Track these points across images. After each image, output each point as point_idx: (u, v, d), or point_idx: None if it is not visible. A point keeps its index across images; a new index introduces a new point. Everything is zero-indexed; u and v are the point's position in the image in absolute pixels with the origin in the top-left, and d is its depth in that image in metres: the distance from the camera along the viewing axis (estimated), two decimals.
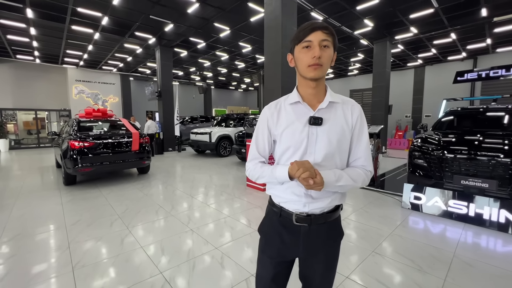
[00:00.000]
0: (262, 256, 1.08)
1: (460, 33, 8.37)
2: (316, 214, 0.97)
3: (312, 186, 0.83)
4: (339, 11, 6.71)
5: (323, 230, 0.99)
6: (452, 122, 4.73)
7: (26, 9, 6.36)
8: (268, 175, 0.97)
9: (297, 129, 0.94)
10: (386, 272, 2.12)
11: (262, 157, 1.04)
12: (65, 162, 4.80)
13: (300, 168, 0.82)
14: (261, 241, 1.09)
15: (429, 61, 12.41)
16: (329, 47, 0.90)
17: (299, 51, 0.92)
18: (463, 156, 3.35)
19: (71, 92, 13.41)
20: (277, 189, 1.01)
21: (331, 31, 0.89)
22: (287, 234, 1.00)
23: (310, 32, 0.88)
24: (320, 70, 0.90)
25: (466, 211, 3.14)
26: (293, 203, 0.98)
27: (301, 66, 0.92)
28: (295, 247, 1.00)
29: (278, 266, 1.04)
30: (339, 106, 0.97)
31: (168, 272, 2.14)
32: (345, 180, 0.91)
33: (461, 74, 6.92)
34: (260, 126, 1.04)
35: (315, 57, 0.87)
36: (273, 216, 1.05)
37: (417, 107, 13.38)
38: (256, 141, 1.05)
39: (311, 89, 0.96)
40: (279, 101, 1.03)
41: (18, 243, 2.67)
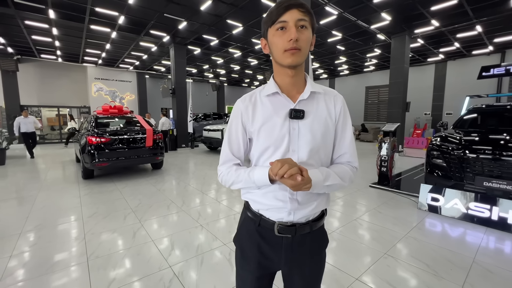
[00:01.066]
0: (240, 271, 0.96)
1: (486, 25, 7.86)
2: (301, 223, 0.86)
3: (300, 185, 0.70)
4: (354, 4, 6.49)
5: (308, 241, 0.88)
6: (476, 120, 4.46)
7: (48, 10, 6.65)
8: (245, 180, 0.83)
9: (277, 124, 0.82)
10: (399, 276, 2.04)
11: (236, 158, 0.90)
12: (83, 156, 5.01)
13: (285, 165, 0.69)
14: (237, 253, 0.97)
15: (452, 56, 11.77)
16: (307, 27, 0.77)
17: (273, 34, 0.78)
18: (487, 156, 3.15)
19: (91, 89, 13.95)
20: (255, 193, 0.87)
21: (308, 9, 0.77)
22: (266, 246, 0.88)
23: (284, 11, 0.74)
24: (298, 55, 0.76)
25: (488, 215, 2.95)
26: (276, 211, 0.85)
27: (276, 51, 0.79)
28: (277, 259, 0.88)
29: (260, 280, 0.92)
30: (321, 97, 0.87)
31: (177, 266, 2.17)
32: (333, 179, 0.81)
33: (486, 69, 6.50)
34: (233, 123, 0.89)
35: (292, 39, 0.73)
36: (250, 225, 0.91)
37: (438, 104, 12.77)
38: (229, 140, 0.90)
39: (289, 78, 0.83)
40: (254, 92, 0.90)
41: (39, 233, 2.82)
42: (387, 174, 4.66)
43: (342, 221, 3.17)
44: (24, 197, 4.11)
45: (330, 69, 15.15)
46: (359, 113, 16.22)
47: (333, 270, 2.12)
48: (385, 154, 4.63)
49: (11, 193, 4.32)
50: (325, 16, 7.20)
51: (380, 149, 4.71)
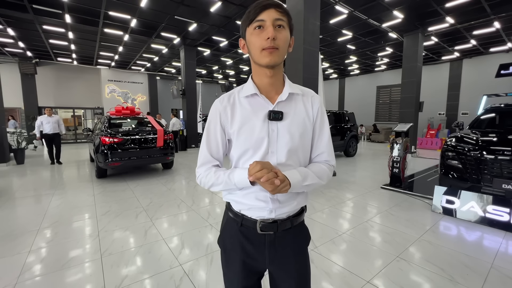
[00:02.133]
0: (226, 272, 0.95)
1: (505, 22, 7.55)
2: (283, 219, 0.87)
3: (279, 187, 0.72)
4: (365, 3, 6.38)
5: (290, 237, 0.89)
6: (493, 120, 4.30)
7: (65, 14, 6.89)
8: (225, 182, 0.82)
9: (256, 126, 0.82)
10: (411, 279, 1.99)
11: (215, 160, 0.89)
12: (97, 156, 5.15)
13: (263, 168, 0.71)
14: (222, 255, 0.97)
15: (468, 54, 11.37)
16: (285, 27, 0.78)
17: (251, 33, 0.78)
18: (506, 158, 3.03)
19: (104, 91, 14.35)
20: (237, 194, 0.87)
21: (285, 9, 0.78)
22: (250, 245, 0.88)
23: (262, 10, 0.75)
24: (276, 55, 0.76)
25: (508, 219, 2.83)
26: (257, 210, 0.85)
27: (254, 50, 0.79)
28: (261, 259, 0.88)
29: (246, 280, 0.91)
30: (299, 98, 0.88)
31: (187, 264, 2.20)
32: (311, 179, 0.82)
33: (505, 66, 6.25)
34: (212, 123, 0.88)
35: (269, 38, 0.74)
36: (232, 225, 0.91)
37: (453, 104, 12.37)
38: (208, 141, 0.88)
39: (267, 78, 0.83)
40: (233, 93, 0.89)
41: (56, 229, 2.92)
42: (399, 176, 4.55)
43: (353, 222, 3.12)
44: (41, 195, 4.27)
45: (340, 68, 14.95)
46: (370, 113, 15.93)
47: (343, 272, 2.09)
48: (397, 155, 4.53)
49: (30, 191, 4.50)
50: (335, 15, 7.12)
51: (392, 150, 4.60)
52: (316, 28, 4.79)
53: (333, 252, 2.41)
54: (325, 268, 2.13)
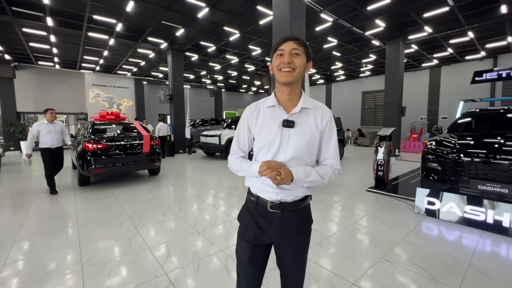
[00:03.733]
0: (240, 241, 1.16)
1: (478, 32, 8.03)
2: (288, 202, 1.08)
3: (280, 182, 0.94)
4: (349, 11, 6.62)
5: (294, 217, 1.10)
6: (470, 124, 4.53)
7: (46, 17, 6.69)
8: (246, 170, 1.08)
9: (272, 129, 1.05)
10: (395, 280, 2.04)
11: (242, 152, 1.15)
12: (79, 163, 4.97)
13: (268, 169, 0.93)
14: (240, 227, 1.18)
15: (446, 61, 11.98)
16: (300, 55, 1.00)
17: (274, 59, 1.04)
18: (481, 160, 3.19)
19: (88, 96, 13.94)
20: (254, 181, 1.11)
21: (302, 42, 1.02)
22: (262, 220, 1.10)
23: (283, 42, 1.01)
24: (291, 75, 1.00)
25: (484, 218, 2.97)
26: (267, 193, 1.08)
27: (275, 71, 1.04)
28: (270, 232, 1.10)
29: (255, 248, 1.12)
30: (310, 112, 1.08)
31: (173, 273, 2.15)
32: (314, 176, 1.02)
33: (479, 74, 6.61)
34: (242, 124, 1.15)
35: (284, 62, 0.99)
36: (250, 204, 1.15)
37: (433, 108, 12.92)
38: (238, 137, 1.16)
39: (285, 94, 1.06)
40: (259, 103, 1.13)
41: (33, 241, 2.78)
42: (383, 178, 4.68)
43: (340, 225, 3.17)
44: (18, 204, 4.07)
45: (327, 74, 15.31)
46: (355, 118, 16.34)
47: (329, 275, 2.11)
48: (381, 158, 4.66)
49: (6, 201, 4.27)
50: (320, 23, 7.32)
51: (377, 153, 4.74)
52: (302, 35, 4.90)
53: (320, 255, 2.43)
54: (312, 272, 2.15)
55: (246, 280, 1.12)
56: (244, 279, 1.13)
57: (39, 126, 4.67)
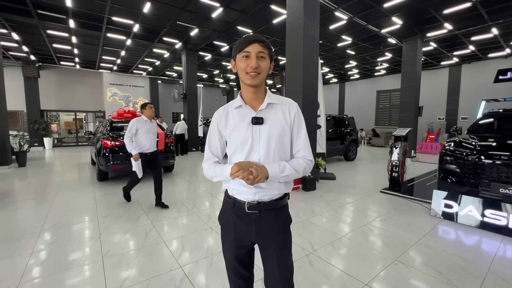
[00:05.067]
0: (224, 243, 1.19)
1: (502, 28, 7.64)
2: (265, 202, 1.08)
3: (253, 181, 0.93)
4: (364, 9, 6.49)
5: (272, 216, 1.10)
6: (492, 125, 4.34)
7: (68, 19, 7.01)
8: (220, 174, 1.07)
9: (242, 129, 1.06)
10: (409, 282, 2.01)
11: (215, 157, 1.14)
12: (98, 159, 5.19)
13: (239, 170, 0.93)
14: (221, 230, 1.20)
15: (467, 59, 11.46)
16: (265, 58, 1.02)
17: (239, 60, 1.03)
18: (503, 162, 3.06)
19: (106, 94, 14.45)
20: (231, 183, 1.10)
21: (268, 44, 1.02)
22: (240, 221, 1.10)
23: (249, 44, 0.99)
24: (257, 78, 1.01)
25: (505, 223, 2.86)
26: (245, 193, 1.08)
27: (241, 72, 1.04)
28: (249, 233, 1.10)
29: (238, 249, 1.13)
30: (278, 107, 1.09)
31: (187, 267, 2.23)
32: (288, 170, 1.02)
33: (503, 72, 6.32)
34: (212, 129, 1.14)
35: (252, 66, 0.98)
36: (228, 206, 1.15)
37: (452, 108, 12.42)
38: (209, 143, 1.15)
39: (251, 94, 1.07)
40: (227, 106, 1.14)
41: (57, 232, 2.95)
42: (398, 180, 4.58)
43: (352, 226, 3.15)
44: (43, 197, 4.31)
45: (340, 73, 15.06)
46: (369, 117, 15.98)
47: (342, 275, 2.11)
48: (396, 159, 4.56)
49: (32, 194, 4.53)
50: (334, 21, 7.22)
51: (391, 154, 4.64)
52: (316, 34, 4.87)
53: (332, 255, 2.43)
54: (324, 271, 2.16)
55: (236, 276, 1.15)
56: (234, 276, 1.15)
57: (139, 123, 3.60)
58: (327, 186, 5.07)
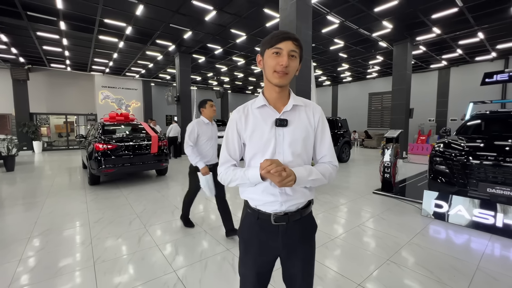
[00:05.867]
0: (244, 259, 1.10)
1: (488, 32, 7.89)
2: (292, 211, 1.01)
3: (284, 181, 0.85)
4: (356, 13, 6.61)
5: (299, 226, 1.04)
6: (479, 127, 4.46)
7: (59, 21, 6.91)
8: (241, 177, 0.98)
9: (265, 131, 0.99)
10: (401, 282, 2.04)
11: (233, 160, 1.06)
12: (90, 163, 5.11)
13: (272, 163, 0.85)
14: (241, 245, 1.12)
15: (455, 62, 11.78)
16: (296, 57, 0.95)
17: (269, 56, 0.95)
18: (490, 163, 3.15)
19: (98, 97, 14.25)
20: (251, 191, 1.02)
21: (300, 43, 0.95)
22: (266, 235, 1.03)
23: (282, 40, 0.92)
24: (285, 78, 0.94)
25: (493, 222, 2.93)
26: (270, 205, 1.00)
27: (268, 70, 0.96)
28: (275, 246, 1.03)
29: (261, 266, 1.06)
30: (302, 109, 1.04)
31: (181, 270, 2.21)
32: (315, 175, 0.96)
33: (489, 75, 6.50)
34: (230, 130, 1.06)
35: (283, 65, 0.91)
36: (250, 219, 1.06)
37: (442, 110, 12.72)
38: (227, 144, 1.06)
39: (276, 93, 1.00)
40: (247, 105, 1.06)
41: (47, 237, 2.89)
42: (390, 181, 4.65)
43: (346, 227, 3.18)
44: (32, 203, 4.20)
45: (333, 76, 15.25)
46: (362, 119, 16.21)
47: (335, 276, 2.13)
48: (388, 160, 4.64)
49: (20, 199, 4.42)
50: (327, 25, 7.33)
51: (383, 155, 4.72)
52: (309, 37, 4.93)
53: (326, 256, 2.45)
54: (319, 272, 2.17)
55: None
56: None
57: (200, 126, 2.86)
58: (320, 187, 5.11)
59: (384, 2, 6.02)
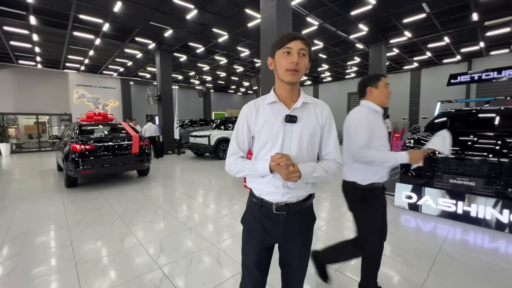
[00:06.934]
0: (245, 245, 1.17)
1: (453, 37, 8.56)
2: (293, 203, 1.09)
3: (290, 175, 0.91)
4: (334, 16, 6.89)
5: (299, 216, 1.11)
6: (445, 124, 4.85)
7: (29, 16, 6.53)
8: (249, 169, 1.03)
9: (274, 125, 1.04)
10: None
11: (241, 151, 1.11)
12: (66, 164, 4.91)
13: (283, 157, 0.91)
14: (244, 231, 1.19)
15: (425, 64, 12.60)
16: (306, 56, 1.02)
17: (280, 56, 1.02)
18: (453, 156, 3.47)
19: (72, 96, 13.58)
20: (258, 182, 1.10)
21: (309, 42, 1.02)
22: (267, 222, 1.10)
23: (291, 40, 0.99)
24: (296, 76, 1.00)
25: (454, 209, 3.25)
26: (272, 195, 1.07)
27: (280, 69, 1.02)
28: (276, 233, 1.10)
29: (260, 252, 1.13)
30: (311, 107, 1.10)
31: (166, 267, 2.24)
32: (319, 172, 1.01)
33: (454, 76, 7.06)
34: (240, 123, 1.11)
35: (294, 62, 0.98)
36: (254, 207, 1.14)
37: (414, 109, 13.54)
38: (237, 136, 1.11)
39: (287, 91, 1.07)
40: (257, 100, 1.12)
41: (23, 241, 2.78)
42: None
43: (326, 219, 3.35)
44: (2, 207, 3.98)
45: (314, 76, 15.68)
46: (341, 118, 16.69)
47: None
48: None
49: None
50: (306, 26, 7.56)
51: None
52: None
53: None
54: None
55: (253, 284, 1.14)
56: (250, 283, 1.15)
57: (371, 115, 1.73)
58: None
59: (360, 6, 6.34)
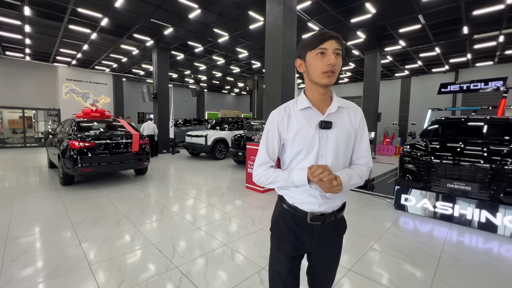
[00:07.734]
0: (276, 253, 1.11)
1: (443, 48, 8.98)
2: (328, 213, 1.04)
3: (333, 188, 0.88)
4: (334, 23, 7.07)
5: (332, 226, 1.08)
6: (437, 131, 5.11)
7: (24, 6, 6.29)
8: (284, 180, 0.99)
9: (309, 133, 0.98)
10: (383, 265, 2.33)
11: (271, 161, 1.06)
12: (64, 161, 4.77)
13: (325, 171, 0.87)
14: (274, 239, 1.13)
15: (415, 72, 13.12)
16: (340, 55, 0.95)
17: (313, 58, 0.94)
18: (448, 162, 3.67)
19: (61, 91, 13.11)
20: (292, 190, 1.04)
21: (342, 41, 0.95)
22: (300, 231, 1.06)
23: (326, 40, 0.91)
24: (333, 77, 0.95)
25: (451, 212, 3.43)
26: (308, 204, 1.03)
27: (315, 72, 0.95)
28: (308, 243, 1.07)
29: (293, 260, 1.09)
30: (344, 111, 1.04)
31: (183, 266, 2.26)
32: (355, 179, 0.99)
33: (445, 86, 7.44)
34: (270, 130, 1.04)
35: (331, 64, 0.91)
36: (286, 215, 1.08)
37: (404, 115, 14.04)
38: (267, 145, 1.05)
39: (320, 95, 1.01)
40: (288, 105, 1.06)
41: (26, 241, 2.69)
42: None
43: None
44: None
45: None
46: None
47: None
48: None
49: None
50: (307, 31, 7.70)
51: None
52: (293, 42, 5.19)
53: None
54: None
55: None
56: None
57: None
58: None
59: (360, 14, 6.55)
